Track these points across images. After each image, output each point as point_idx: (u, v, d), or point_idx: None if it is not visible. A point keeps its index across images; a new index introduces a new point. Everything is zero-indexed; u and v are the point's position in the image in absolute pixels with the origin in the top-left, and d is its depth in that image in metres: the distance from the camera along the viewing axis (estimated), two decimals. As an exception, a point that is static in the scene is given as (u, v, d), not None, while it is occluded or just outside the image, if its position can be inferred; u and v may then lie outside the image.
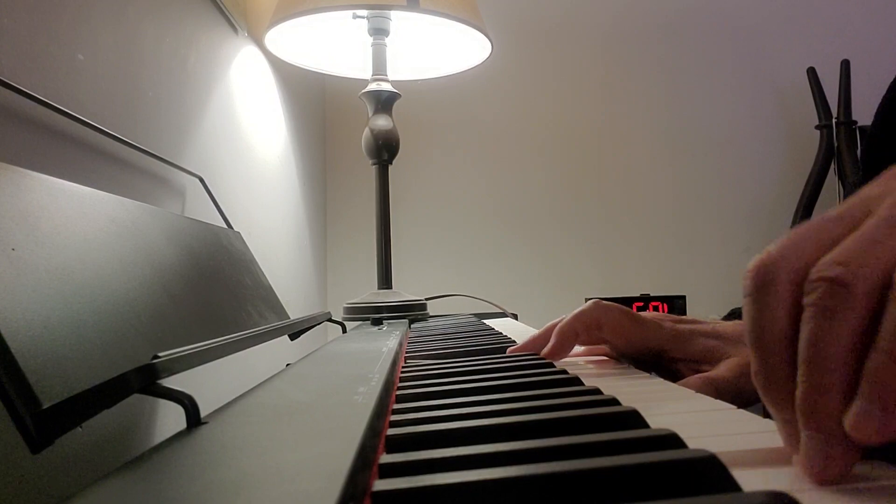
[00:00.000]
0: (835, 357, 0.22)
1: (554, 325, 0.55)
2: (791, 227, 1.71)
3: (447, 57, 1.27)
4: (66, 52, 0.57)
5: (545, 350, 0.52)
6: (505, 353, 0.55)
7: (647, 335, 0.54)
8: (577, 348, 0.57)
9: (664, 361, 0.56)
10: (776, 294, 0.24)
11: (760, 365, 0.24)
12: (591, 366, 0.55)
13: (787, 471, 0.23)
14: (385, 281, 1.14)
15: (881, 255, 0.22)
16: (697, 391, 0.43)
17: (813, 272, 0.23)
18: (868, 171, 0.76)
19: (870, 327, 0.22)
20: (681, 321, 0.57)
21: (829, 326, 0.22)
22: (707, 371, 0.52)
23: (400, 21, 1.14)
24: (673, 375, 0.55)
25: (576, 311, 0.54)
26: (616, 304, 0.54)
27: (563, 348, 0.53)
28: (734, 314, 0.61)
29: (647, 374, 0.50)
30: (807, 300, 0.23)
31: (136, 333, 0.39)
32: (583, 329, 0.53)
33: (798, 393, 0.22)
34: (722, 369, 0.51)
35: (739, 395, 0.48)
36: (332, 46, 1.24)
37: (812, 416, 0.22)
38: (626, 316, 0.54)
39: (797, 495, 0.18)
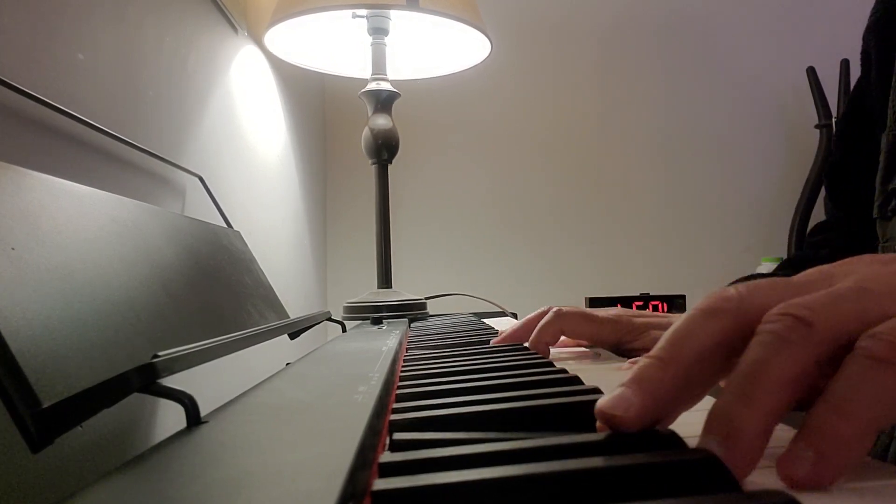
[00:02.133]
0: (774, 380, 0.22)
1: (532, 319, 0.61)
2: (791, 226, 1.71)
3: (447, 56, 1.27)
4: (66, 52, 0.57)
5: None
6: (505, 353, 0.55)
7: (603, 332, 0.61)
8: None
9: (624, 352, 0.62)
10: (720, 320, 0.25)
11: (666, 357, 0.25)
12: (589, 364, 0.56)
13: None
14: (385, 280, 1.14)
15: (847, 313, 0.23)
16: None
17: (779, 307, 0.24)
18: (831, 193, 0.78)
19: (813, 375, 0.23)
20: (639, 315, 0.62)
21: (780, 353, 0.23)
22: None
23: (399, 20, 1.14)
24: None
25: (539, 324, 0.59)
26: (573, 310, 0.60)
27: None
28: None
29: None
30: (763, 328, 0.24)
31: (136, 333, 0.39)
32: (551, 339, 0.59)
33: (719, 403, 0.23)
34: None
35: None
36: (332, 46, 1.24)
37: (727, 425, 0.22)
38: (583, 319, 0.60)
39: (797, 495, 0.18)
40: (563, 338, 0.63)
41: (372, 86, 1.12)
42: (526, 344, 0.59)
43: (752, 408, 0.22)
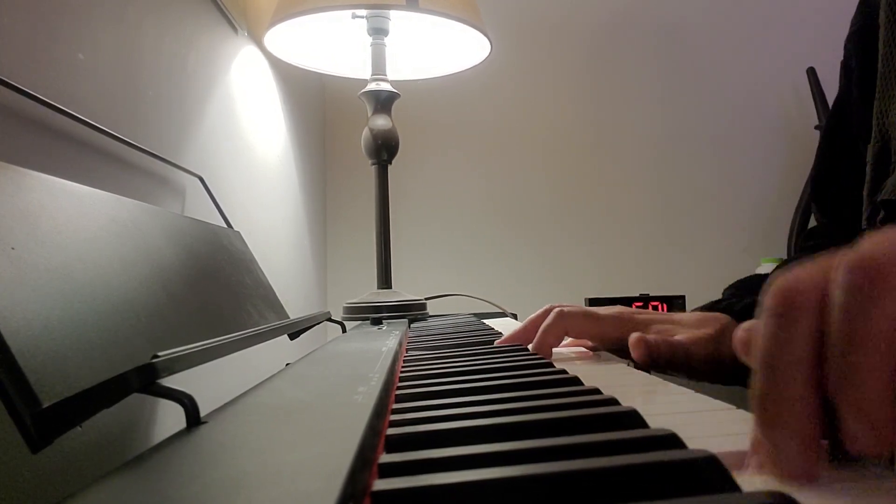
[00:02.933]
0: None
1: (535, 319, 0.62)
2: (791, 227, 1.71)
3: (446, 57, 1.27)
4: (66, 52, 0.57)
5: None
6: (505, 353, 0.55)
7: (607, 330, 0.61)
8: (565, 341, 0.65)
9: (626, 350, 0.61)
10: (801, 320, 0.23)
11: (769, 384, 0.23)
12: (589, 362, 0.56)
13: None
14: (385, 281, 1.14)
15: None
16: (653, 344, 0.51)
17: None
18: (817, 202, 0.78)
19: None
20: (640, 313, 0.63)
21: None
22: None
23: (399, 21, 1.14)
24: None
25: (543, 325, 0.59)
26: (577, 309, 0.60)
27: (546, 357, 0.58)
28: (714, 307, 0.63)
29: (646, 373, 0.50)
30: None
31: (136, 333, 0.39)
32: (554, 340, 0.59)
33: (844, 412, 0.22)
34: (676, 336, 0.56)
35: (690, 358, 0.55)
36: (332, 46, 1.24)
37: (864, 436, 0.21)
38: (586, 318, 0.60)
39: (797, 495, 0.18)
40: (566, 339, 0.63)
41: (372, 86, 1.12)
42: (530, 346, 0.59)
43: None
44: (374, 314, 1.01)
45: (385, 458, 0.23)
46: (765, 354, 0.23)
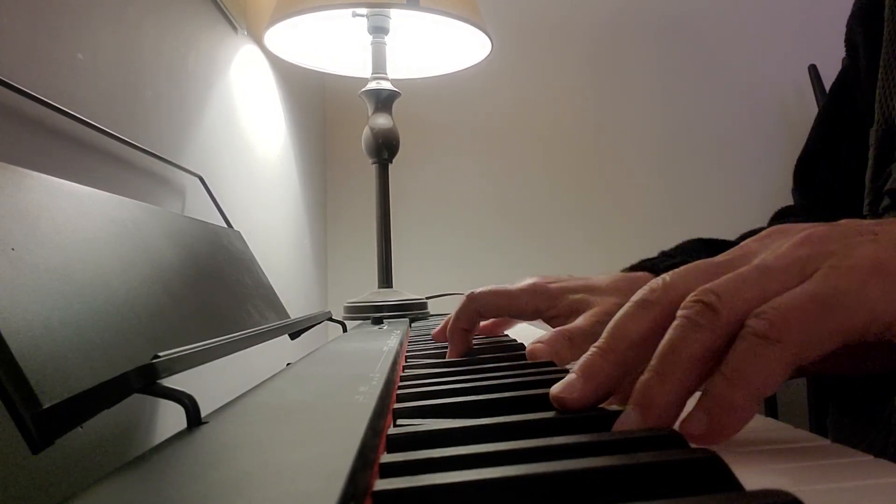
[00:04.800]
0: (685, 359, 0.27)
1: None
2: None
3: (447, 55, 1.27)
4: (66, 52, 0.57)
5: (448, 354, 0.56)
6: (506, 351, 0.55)
7: (520, 304, 0.58)
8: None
9: (546, 321, 0.60)
10: (649, 310, 0.30)
11: (606, 347, 0.30)
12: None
13: (790, 470, 0.23)
14: (385, 280, 1.14)
15: (749, 295, 0.27)
16: (552, 345, 0.49)
17: (693, 294, 0.28)
18: (800, 183, 0.78)
19: (720, 352, 0.27)
20: (555, 281, 0.60)
21: (690, 335, 0.27)
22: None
23: (399, 19, 1.14)
24: None
25: (455, 310, 0.57)
26: (488, 288, 0.58)
27: (461, 346, 0.56)
28: (642, 265, 0.64)
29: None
30: (680, 312, 0.28)
31: (137, 333, 0.39)
32: (468, 323, 0.57)
33: (642, 379, 0.27)
34: (579, 320, 0.54)
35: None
36: (332, 45, 1.24)
37: (644, 397, 0.27)
38: (497, 295, 0.58)
39: (799, 495, 0.18)
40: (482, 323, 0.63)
41: (372, 85, 1.12)
42: (434, 333, 0.59)
43: (665, 383, 0.26)
44: (374, 314, 1.01)
45: (386, 457, 0.23)
46: (614, 325, 0.30)
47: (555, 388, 0.29)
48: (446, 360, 0.53)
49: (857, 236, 0.28)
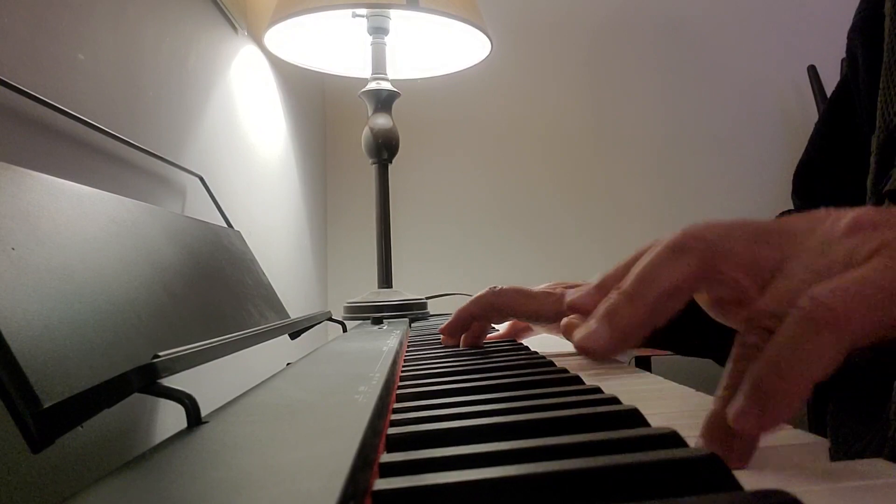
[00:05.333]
0: (659, 287, 0.27)
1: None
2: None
3: (447, 55, 1.27)
4: (66, 52, 0.57)
5: (442, 326, 0.60)
6: (505, 352, 0.55)
7: (542, 304, 0.60)
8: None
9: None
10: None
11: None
12: (590, 362, 0.56)
13: (789, 470, 0.23)
14: (385, 280, 1.14)
15: (748, 253, 0.27)
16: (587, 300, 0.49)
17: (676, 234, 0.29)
18: (800, 190, 0.79)
19: (692, 293, 0.27)
20: (571, 286, 0.62)
21: (671, 264, 0.27)
22: None
23: (399, 20, 1.14)
24: None
25: (478, 296, 0.60)
26: (511, 286, 0.60)
27: (460, 327, 0.59)
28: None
29: (645, 373, 0.50)
30: (666, 242, 0.28)
31: (137, 333, 0.39)
32: (478, 312, 0.59)
33: (612, 295, 0.28)
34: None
35: None
36: (332, 45, 1.24)
37: (611, 315, 0.27)
38: (519, 294, 0.60)
39: (798, 494, 0.18)
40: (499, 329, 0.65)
41: (372, 85, 1.12)
42: (441, 326, 0.62)
43: (635, 306, 0.27)
44: (374, 314, 1.01)
45: (386, 457, 0.23)
46: (644, 268, 0.28)
47: (577, 335, 0.28)
48: (446, 362, 0.53)
49: None
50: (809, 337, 0.23)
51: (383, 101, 1.12)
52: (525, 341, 0.69)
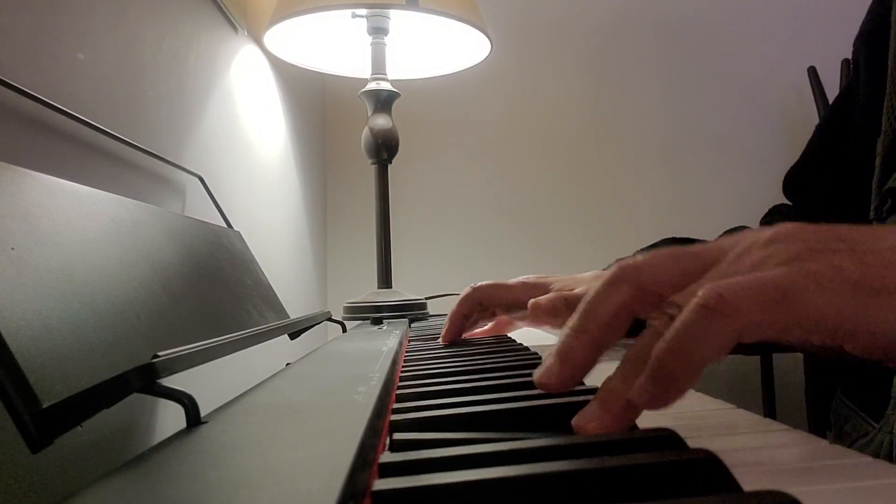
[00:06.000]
0: (600, 315, 0.30)
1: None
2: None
3: (446, 56, 1.27)
4: (66, 52, 0.57)
5: (442, 333, 0.64)
6: (504, 353, 0.55)
7: (518, 295, 0.65)
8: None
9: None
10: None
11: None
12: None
13: (789, 470, 0.23)
14: (385, 280, 1.14)
15: (672, 268, 0.30)
16: (551, 302, 0.54)
17: (616, 264, 0.31)
18: (794, 191, 0.82)
19: (634, 313, 0.30)
20: (544, 278, 0.67)
21: (607, 293, 0.30)
22: None
23: (399, 20, 1.14)
24: None
25: (460, 296, 0.65)
26: (489, 282, 0.66)
27: (456, 330, 0.64)
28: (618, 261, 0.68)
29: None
30: (604, 276, 0.31)
31: (136, 333, 0.39)
32: (468, 310, 0.65)
33: (562, 333, 0.30)
34: (577, 290, 0.60)
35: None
36: (332, 45, 1.24)
37: (562, 349, 0.30)
38: (497, 287, 0.66)
39: (798, 495, 0.18)
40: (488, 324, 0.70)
41: (372, 85, 1.12)
42: (442, 333, 0.65)
43: (582, 337, 0.30)
44: (374, 314, 1.01)
45: (385, 457, 0.23)
46: (586, 304, 0.31)
47: (536, 374, 0.31)
48: (446, 362, 0.53)
49: (835, 242, 0.28)
50: (700, 321, 0.26)
51: (383, 102, 1.12)
52: (523, 342, 0.69)
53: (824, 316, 0.26)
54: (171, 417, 0.60)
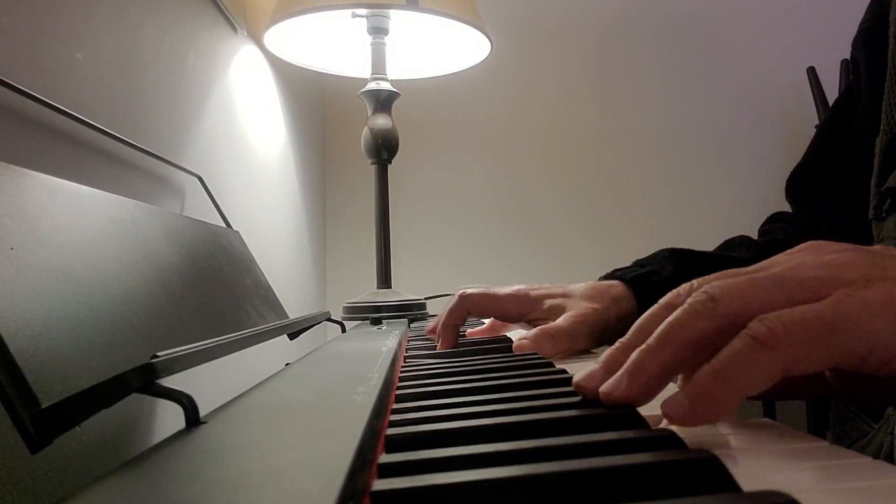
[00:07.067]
0: (678, 340, 0.29)
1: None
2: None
3: (446, 56, 1.27)
4: (66, 52, 0.57)
5: (438, 347, 0.62)
6: (504, 353, 0.56)
7: (507, 307, 0.65)
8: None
9: (528, 323, 0.65)
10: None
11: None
12: (590, 362, 0.56)
13: (788, 471, 0.23)
14: (384, 280, 1.14)
15: (751, 297, 0.29)
16: (536, 341, 0.54)
17: (703, 286, 0.30)
18: (795, 193, 0.82)
19: (713, 343, 0.28)
20: (536, 289, 0.66)
21: (688, 320, 0.29)
22: None
23: (399, 20, 1.14)
24: None
25: (446, 307, 0.64)
26: (479, 291, 0.64)
27: (452, 339, 0.63)
28: (612, 275, 0.69)
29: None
30: (687, 300, 0.30)
31: (136, 333, 0.39)
32: (459, 321, 0.63)
33: (635, 352, 0.29)
34: (559, 320, 0.59)
35: (574, 339, 0.58)
36: (332, 45, 1.24)
37: (635, 365, 0.29)
38: (486, 298, 0.65)
39: (797, 495, 0.18)
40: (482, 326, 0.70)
41: (371, 85, 1.12)
42: (430, 326, 0.65)
43: (656, 357, 0.29)
44: (373, 314, 1.01)
45: (385, 457, 0.23)
46: (641, 320, 0.32)
47: (605, 386, 0.29)
48: (446, 362, 0.53)
49: (881, 270, 0.29)
50: (747, 352, 0.26)
51: (383, 102, 1.12)
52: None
53: (877, 345, 0.26)
54: (170, 418, 0.60)
